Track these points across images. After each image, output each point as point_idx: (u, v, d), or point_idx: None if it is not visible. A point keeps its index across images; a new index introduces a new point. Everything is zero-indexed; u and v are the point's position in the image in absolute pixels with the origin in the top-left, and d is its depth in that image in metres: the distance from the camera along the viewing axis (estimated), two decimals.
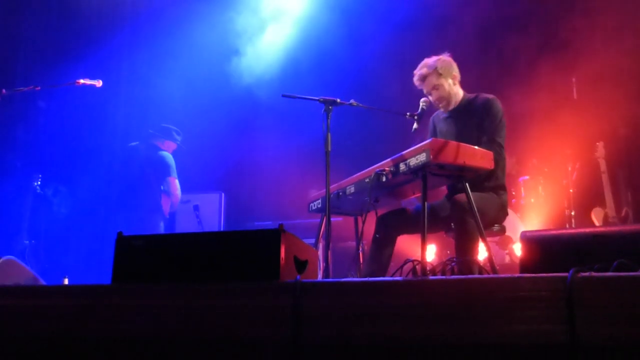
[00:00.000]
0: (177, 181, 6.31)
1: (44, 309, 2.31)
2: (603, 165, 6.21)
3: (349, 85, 6.45)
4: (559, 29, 6.36)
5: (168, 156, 6.36)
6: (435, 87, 4.04)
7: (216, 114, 7.13)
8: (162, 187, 6.23)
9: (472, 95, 4.12)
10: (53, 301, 2.33)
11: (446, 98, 4.07)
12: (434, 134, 4.27)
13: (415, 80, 4.11)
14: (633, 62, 5.82)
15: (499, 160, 3.81)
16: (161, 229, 6.18)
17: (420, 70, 4.08)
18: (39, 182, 6.11)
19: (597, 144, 6.28)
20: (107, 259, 2.46)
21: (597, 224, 6.11)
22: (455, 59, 4.16)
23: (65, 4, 6.92)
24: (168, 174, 6.27)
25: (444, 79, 4.03)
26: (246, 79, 7.21)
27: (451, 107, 4.10)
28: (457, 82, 4.11)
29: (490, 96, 4.01)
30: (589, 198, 6.34)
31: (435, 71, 4.01)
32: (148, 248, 2.40)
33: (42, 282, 4.13)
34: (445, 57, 4.10)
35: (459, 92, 4.11)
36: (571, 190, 6.34)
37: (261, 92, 6.96)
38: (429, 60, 4.09)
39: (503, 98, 4.05)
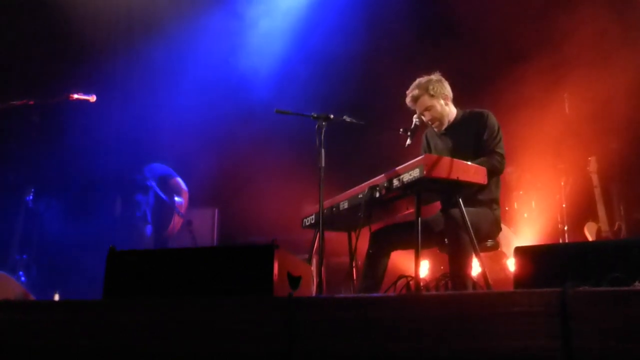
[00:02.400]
0: (179, 179, 6.64)
1: (34, 324, 2.29)
2: (595, 180, 6.23)
3: (342, 100, 6.47)
4: (550, 45, 6.41)
5: (160, 165, 6.59)
6: (428, 109, 4.05)
7: (210, 129, 7.13)
8: (168, 191, 6.40)
9: (466, 111, 4.14)
10: (43, 316, 2.31)
11: (439, 119, 4.08)
12: (428, 150, 4.28)
13: (408, 101, 4.11)
14: (624, 76, 5.86)
15: (500, 169, 3.82)
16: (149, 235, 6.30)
17: (412, 92, 4.08)
18: (31, 197, 6.07)
19: (590, 158, 6.31)
20: (100, 274, 2.44)
21: (590, 238, 6.11)
22: (448, 74, 4.17)
23: (59, 18, 6.91)
24: (169, 179, 6.55)
25: (436, 99, 4.03)
26: (240, 94, 7.22)
27: (444, 126, 4.11)
28: (449, 102, 4.11)
29: (485, 111, 4.03)
30: (582, 212, 6.35)
31: (427, 92, 4.02)
32: (140, 263, 2.39)
33: (33, 297, 4.10)
34: (437, 77, 4.11)
35: (452, 111, 4.12)
36: (564, 205, 6.35)
37: (255, 107, 6.96)
38: (421, 81, 4.09)
39: (496, 113, 4.07)
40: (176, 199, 6.50)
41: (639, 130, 6.18)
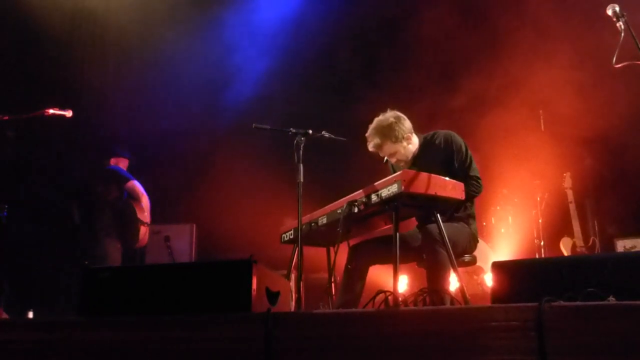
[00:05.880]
0: (135, 182, 5.94)
1: (7, 344, 2.24)
2: (570, 196, 6.33)
3: (321, 115, 6.49)
4: (524, 63, 6.51)
5: (110, 170, 6.07)
6: (392, 154, 4.02)
7: (187, 144, 7.10)
8: (126, 196, 5.97)
9: (427, 135, 4.11)
10: (17, 336, 2.26)
11: (404, 159, 4.05)
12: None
13: (370, 147, 4.03)
14: (598, 94, 5.96)
15: (478, 192, 3.82)
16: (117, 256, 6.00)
17: (373, 140, 3.98)
18: (5, 213, 5.96)
19: (565, 174, 6.41)
20: (75, 292, 2.40)
21: (565, 253, 6.19)
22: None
23: (34, 34, 6.87)
24: (123, 182, 5.92)
25: (399, 143, 3.97)
26: (218, 109, 7.21)
27: (410, 161, 4.07)
28: (410, 139, 4.04)
29: (447, 133, 4.00)
30: (558, 228, 6.43)
31: (389, 139, 3.95)
32: (116, 280, 2.35)
33: (6, 316, 4.01)
34: (395, 117, 4.00)
35: (415, 144, 4.07)
36: (540, 220, 6.42)
37: (233, 122, 6.96)
38: (382, 124, 3.98)
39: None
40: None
41: (613, 147, 6.30)
